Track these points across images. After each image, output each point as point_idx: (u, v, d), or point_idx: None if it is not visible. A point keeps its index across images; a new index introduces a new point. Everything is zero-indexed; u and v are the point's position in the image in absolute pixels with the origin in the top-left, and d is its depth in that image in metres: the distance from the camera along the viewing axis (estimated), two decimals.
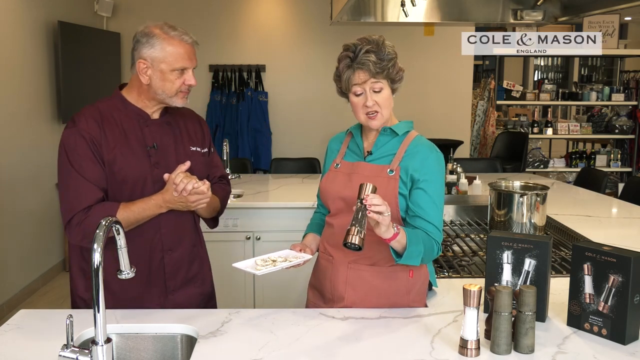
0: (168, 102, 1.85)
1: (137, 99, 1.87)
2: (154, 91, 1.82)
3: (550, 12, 3.90)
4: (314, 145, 6.41)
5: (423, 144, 1.78)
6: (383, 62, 1.69)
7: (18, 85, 4.39)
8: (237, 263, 1.76)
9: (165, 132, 1.90)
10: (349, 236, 1.47)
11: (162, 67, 1.79)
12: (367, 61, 1.67)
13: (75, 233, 1.76)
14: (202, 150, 1.99)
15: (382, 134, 1.79)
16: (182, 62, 1.80)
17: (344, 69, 1.72)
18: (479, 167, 4.72)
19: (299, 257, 1.81)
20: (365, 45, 1.69)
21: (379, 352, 1.51)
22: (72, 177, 1.76)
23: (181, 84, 1.82)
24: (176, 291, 1.93)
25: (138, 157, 1.83)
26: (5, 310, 4.08)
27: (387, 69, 1.69)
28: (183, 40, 1.80)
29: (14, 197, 4.27)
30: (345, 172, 1.82)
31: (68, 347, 1.33)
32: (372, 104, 1.71)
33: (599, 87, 7.00)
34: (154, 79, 1.80)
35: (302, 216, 3.34)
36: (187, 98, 1.87)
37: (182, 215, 1.89)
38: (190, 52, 1.83)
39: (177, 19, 6.06)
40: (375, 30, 1.89)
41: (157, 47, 1.77)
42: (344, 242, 1.49)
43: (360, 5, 3.95)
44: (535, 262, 1.68)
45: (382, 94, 1.72)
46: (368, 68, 1.68)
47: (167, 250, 1.90)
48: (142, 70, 1.80)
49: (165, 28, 1.80)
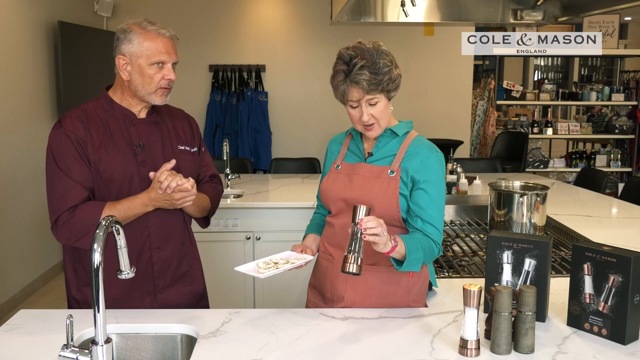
0: (148, 99, 1.84)
1: (122, 97, 1.87)
2: (135, 88, 1.82)
3: (550, 12, 3.90)
4: (314, 145, 6.41)
5: (423, 144, 1.78)
6: (378, 77, 1.65)
7: (18, 85, 4.39)
8: (239, 267, 1.76)
9: (152, 131, 1.90)
10: (347, 265, 1.51)
11: (140, 62, 1.79)
12: (361, 80, 1.64)
13: (62, 233, 1.77)
14: (192, 150, 1.99)
15: (383, 135, 1.80)
16: (160, 56, 1.79)
17: (338, 84, 1.69)
18: (479, 167, 4.72)
19: (300, 259, 1.81)
20: (359, 60, 1.64)
21: (379, 352, 1.51)
22: (58, 178, 1.78)
23: (160, 79, 1.81)
24: (165, 289, 1.93)
25: (124, 156, 1.83)
26: (5, 310, 4.08)
27: (381, 84, 1.66)
28: (160, 34, 1.80)
29: (14, 197, 4.27)
30: (345, 173, 1.82)
31: (68, 347, 1.33)
32: (368, 118, 1.70)
33: (599, 87, 7.00)
34: (133, 75, 1.80)
35: (302, 216, 3.34)
36: (167, 96, 1.86)
37: (170, 213, 1.90)
38: (168, 45, 1.82)
39: (176, 19, 6.09)
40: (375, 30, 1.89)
41: (135, 42, 1.78)
42: (342, 270, 1.52)
43: (360, 5, 3.95)
44: (535, 262, 1.68)
45: (378, 107, 1.70)
46: (362, 86, 1.65)
47: (156, 249, 1.90)
48: (122, 67, 1.81)
49: (143, 24, 1.80)
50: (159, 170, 1.78)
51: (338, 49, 1.74)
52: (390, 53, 1.72)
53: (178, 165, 1.90)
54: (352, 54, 1.66)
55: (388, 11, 4.03)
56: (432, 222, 1.72)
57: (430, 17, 4.06)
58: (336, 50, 1.75)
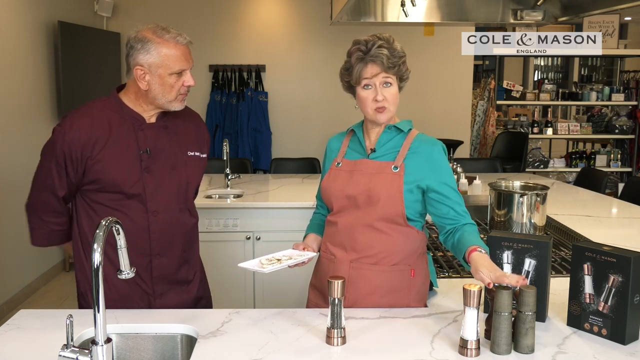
0: (167, 107, 1.83)
1: (135, 103, 1.85)
2: (154, 97, 1.80)
3: (550, 12, 3.90)
4: (314, 145, 6.41)
5: (426, 140, 1.81)
6: (395, 58, 1.72)
7: (18, 85, 4.39)
8: (243, 263, 1.76)
9: (160, 136, 1.88)
10: (332, 339, 1.54)
11: (160, 72, 1.76)
12: (381, 54, 1.70)
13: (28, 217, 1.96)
14: (202, 155, 1.97)
15: (386, 131, 1.80)
16: (180, 65, 1.78)
17: (355, 62, 1.73)
18: (479, 167, 4.72)
19: (303, 255, 1.82)
20: (377, 40, 1.72)
21: (379, 352, 1.51)
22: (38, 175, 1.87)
23: (180, 86, 1.80)
24: (163, 295, 1.92)
25: (128, 161, 1.81)
26: (5, 310, 4.08)
27: (398, 65, 1.73)
28: (178, 42, 1.77)
29: (14, 197, 4.26)
30: (347, 170, 1.83)
31: (68, 347, 1.33)
32: (382, 99, 1.73)
33: (599, 87, 7.00)
34: (153, 84, 1.78)
35: (302, 216, 3.34)
36: (185, 100, 1.86)
37: (174, 220, 1.89)
38: (186, 53, 1.80)
39: (177, 19, 6.09)
40: (375, 30, 1.89)
41: (153, 52, 1.74)
42: (327, 342, 1.55)
43: (360, 5, 3.95)
44: (535, 262, 1.68)
45: (391, 90, 1.74)
46: (381, 61, 1.70)
47: (156, 255, 1.88)
48: (140, 77, 1.77)
49: (158, 31, 1.76)
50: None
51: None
52: (402, 47, 1.79)
53: (186, 171, 1.89)
54: (369, 39, 1.74)
55: (388, 11, 4.03)
56: (462, 206, 1.76)
57: (430, 17, 4.06)
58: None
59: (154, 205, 1.84)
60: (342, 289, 1.52)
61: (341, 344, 1.54)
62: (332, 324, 1.54)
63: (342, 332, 1.54)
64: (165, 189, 1.86)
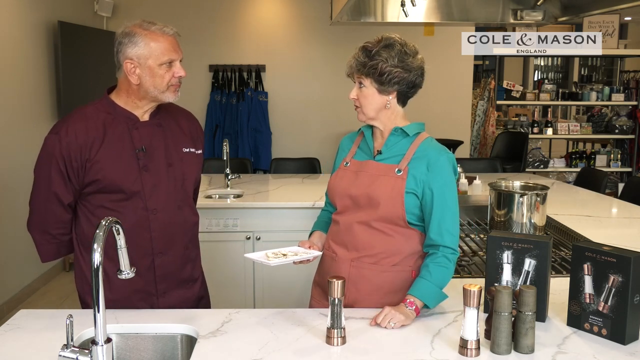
0: (160, 98, 1.83)
1: (127, 101, 1.85)
2: (145, 90, 1.81)
3: (550, 12, 3.90)
4: (314, 145, 6.41)
5: (433, 146, 1.78)
6: (365, 60, 1.72)
7: (18, 85, 4.39)
8: (249, 254, 1.78)
9: (155, 134, 1.88)
10: (332, 339, 1.54)
11: (149, 63, 1.78)
12: (353, 57, 1.75)
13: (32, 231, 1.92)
14: (197, 152, 1.98)
15: (393, 134, 1.80)
16: (169, 55, 1.79)
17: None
18: (479, 167, 4.72)
19: (308, 253, 1.83)
20: (368, 43, 1.74)
21: (379, 352, 1.51)
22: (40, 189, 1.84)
23: (171, 77, 1.81)
24: (167, 293, 1.92)
25: (125, 161, 1.82)
26: (5, 310, 4.08)
27: (366, 66, 1.72)
28: (165, 33, 1.79)
29: (14, 197, 4.26)
30: (353, 170, 1.84)
31: (68, 347, 1.33)
32: (353, 96, 1.79)
33: (599, 87, 7.00)
34: (144, 77, 1.79)
35: (302, 216, 3.35)
36: (178, 92, 1.86)
37: (174, 217, 1.89)
38: (174, 43, 1.82)
39: (176, 19, 6.09)
40: (375, 30, 1.90)
41: (141, 44, 1.76)
42: (327, 342, 1.55)
43: (360, 5, 3.95)
44: (535, 262, 1.68)
45: (363, 91, 1.76)
46: (351, 63, 1.76)
47: (158, 254, 1.88)
48: (130, 71, 1.79)
49: (145, 25, 1.79)
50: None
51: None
52: (408, 55, 1.76)
53: (182, 168, 1.89)
54: (374, 39, 1.76)
55: (388, 11, 4.03)
56: (447, 227, 1.72)
57: (430, 17, 4.06)
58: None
59: (152, 204, 1.85)
60: (342, 289, 1.52)
61: (341, 344, 1.54)
62: (332, 324, 1.54)
63: (342, 332, 1.54)
64: (162, 187, 1.87)
